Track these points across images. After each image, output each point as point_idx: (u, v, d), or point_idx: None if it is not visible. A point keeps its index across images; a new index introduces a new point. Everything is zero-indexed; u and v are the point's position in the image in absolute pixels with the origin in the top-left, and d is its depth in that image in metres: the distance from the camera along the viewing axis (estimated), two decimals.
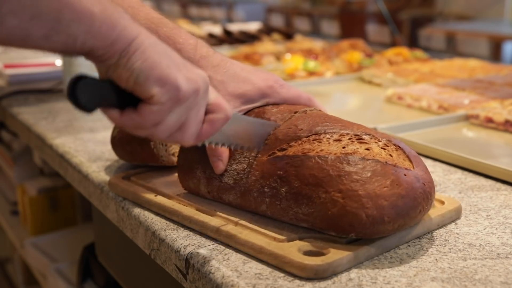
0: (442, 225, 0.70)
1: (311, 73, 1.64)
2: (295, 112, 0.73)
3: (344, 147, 0.64)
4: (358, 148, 0.64)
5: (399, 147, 0.67)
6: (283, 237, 0.63)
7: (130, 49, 0.53)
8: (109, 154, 1.00)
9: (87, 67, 1.46)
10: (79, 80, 0.52)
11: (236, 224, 0.67)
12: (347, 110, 1.40)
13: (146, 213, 0.76)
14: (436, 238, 0.68)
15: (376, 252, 0.62)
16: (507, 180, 0.85)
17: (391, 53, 1.87)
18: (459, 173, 0.90)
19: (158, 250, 0.71)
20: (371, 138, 0.66)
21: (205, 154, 0.72)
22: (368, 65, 1.71)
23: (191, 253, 0.65)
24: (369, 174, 0.61)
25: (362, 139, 0.66)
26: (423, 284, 0.57)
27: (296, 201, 0.63)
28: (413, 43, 3.55)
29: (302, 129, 0.68)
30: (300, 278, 0.58)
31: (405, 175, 0.62)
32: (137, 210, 0.77)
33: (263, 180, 0.66)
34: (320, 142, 0.66)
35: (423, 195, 0.63)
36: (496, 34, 3.33)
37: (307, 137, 0.67)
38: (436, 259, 0.63)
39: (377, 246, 0.62)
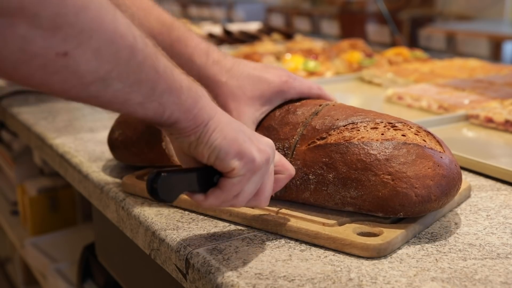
0: (460, 202, 0.77)
1: (311, 73, 1.64)
2: (320, 105, 0.76)
3: (382, 134, 0.68)
4: (395, 135, 0.68)
5: (429, 133, 0.72)
6: (333, 222, 0.66)
7: (209, 126, 0.58)
8: (109, 154, 1.00)
9: None
10: (158, 176, 0.56)
11: (277, 213, 0.70)
12: None
13: (146, 213, 0.76)
14: (436, 238, 0.68)
15: (420, 228, 0.68)
16: (507, 180, 0.85)
17: (391, 53, 1.87)
18: None
19: (158, 250, 0.71)
20: (404, 126, 0.71)
21: None
22: (368, 65, 1.71)
23: (191, 253, 0.65)
24: (414, 157, 0.66)
25: (396, 126, 0.70)
26: (423, 284, 0.57)
27: (344, 185, 0.67)
28: (413, 43, 3.55)
29: (338, 118, 0.72)
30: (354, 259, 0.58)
31: (441, 157, 0.68)
32: (137, 210, 0.77)
33: (307, 168, 0.69)
34: (358, 130, 0.70)
35: (458, 175, 0.69)
36: (496, 34, 3.32)
37: (344, 126, 0.70)
38: (436, 259, 0.63)
39: (420, 223, 0.68)
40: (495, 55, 3.19)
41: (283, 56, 1.85)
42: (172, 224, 0.72)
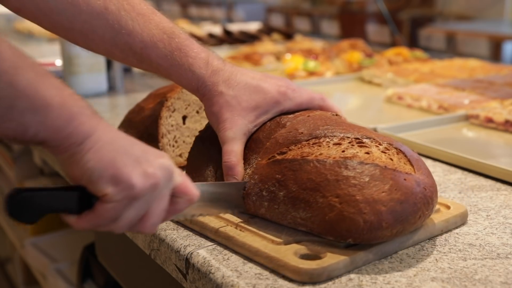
0: (446, 230, 0.69)
1: (311, 73, 1.64)
2: (308, 116, 0.72)
3: (343, 151, 0.64)
4: (357, 152, 0.63)
5: (401, 150, 0.66)
6: (280, 240, 0.63)
7: (84, 146, 0.53)
8: None
9: (87, 67, 1.46)
10: (16, 195, 0.52)
11: (237, 226, 0.67)
12: (347, 110, 1.39)
13: None
14: (436, 238, 0.68)
15: (375, 257, 0.62)
16: (507, 180, 0.85)
17: (391, 53, 1.87)
18: (459, 173, 0.90)
19: (158, 250, 0.71)
20: (372, 142, 0.66)
21: (217, 155, 0.72)
22: (368, 65, 1.71)
23: (191, 253, 0.65)
24: (367, 179, 0.60)
25: (363, 142, 0.65)
26: (423, 284, 0.57)
27: (293, 206, 0.63)
28: (413, 43, 3.55)
29: (302, 132, 0.68)
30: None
31: (405, 179, 0.61)
32: None
33: (262, 184, 0.66)
34: (319, 146, 0.65)
35: (423, 200, 0.62)
36: (496, 34, 3.32)
37: (307, 140, 0.67)
38: (436, 259, 0.63)
39: (376, 251, 0.62)
40: (495, 55, 3.19)
41: (283, 56, 1.85)
42: (172, 224, 0.72)
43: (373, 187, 0.60)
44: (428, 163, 0.95)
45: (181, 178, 0.59)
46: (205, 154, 0.75)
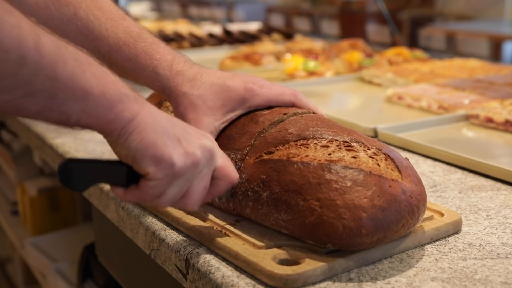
0: (436, 239, 0.67)
1: (311, 73, 1.64)
2: (285, 114, 0.71)
3: (330, 154, 0.63)
4: (344, 156, 0.62)
5: (389, 156, 0.64)
6: (262, 244, 0.62)
7: (127, 129, 0.57)
8: (109, 154, 1.00)
9: None
10: (64, 165, 0.56)
11: (222, 228, 0.67)
12: (347, 110, 1.40)
13: (146, 213, 0.76)
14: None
15: (356, 265, 0.60)
16: (507, 180, 0.85)
17: (391, 53, 1.87)
18: (459, 173, 0.90)
19: (158, 250, 0.71)
20: (360, 146, 0.64)
21: None
22: (368, 65, 1.71)
23: (191, 253, 0.65)
24: (349, 184, 0.59)
25: (351, 146, 0.64)
26: (423, 284, 0.57)
27: (276, 207, 0.62)
28: (413, 43, 3.55)
29: (291, 133, 0.67)
30: None
31: (390, 186, 0.60)
32: (137, 210, 0.77)
33: (248, 183, 0.66)
34: (307, 148, 0.64)
35: (408, 208, 0.60)
36: (496, 34, 3.32)
37: (295, 141, 0.66)
38: (436, 259, 0.63)
39: (357, 258, 0.60)
40: (495, 55, 3.19)
41: (283, 56, 1.85)
42: (172, 224, 0.72)
43: (355, 193, 0.59)
44: (428, 163, 0.95)
45: (222, 160, 0.63)
46: None
